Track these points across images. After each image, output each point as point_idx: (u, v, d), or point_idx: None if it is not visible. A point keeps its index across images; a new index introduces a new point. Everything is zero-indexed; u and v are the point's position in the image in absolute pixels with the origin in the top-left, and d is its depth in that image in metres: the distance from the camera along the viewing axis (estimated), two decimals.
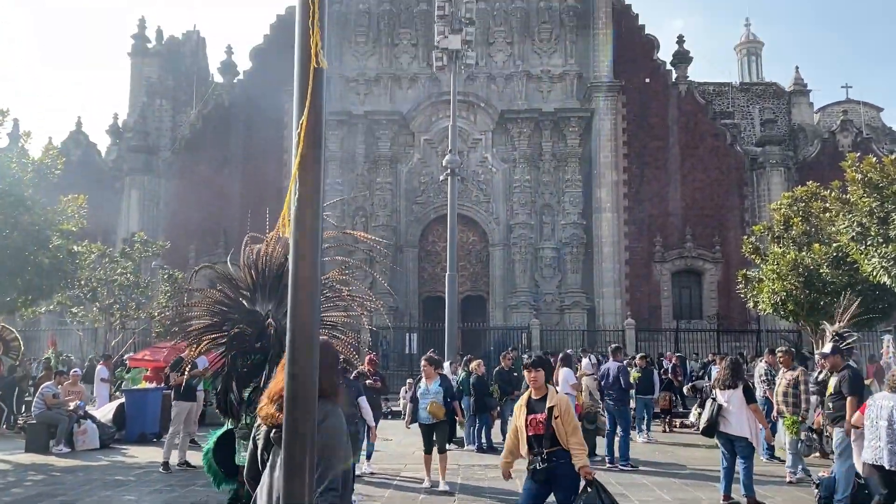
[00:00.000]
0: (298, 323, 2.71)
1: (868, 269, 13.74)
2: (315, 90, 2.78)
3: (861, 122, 37.26)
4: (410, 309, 32.62)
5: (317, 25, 2.80)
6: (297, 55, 2.80)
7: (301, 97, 2.76)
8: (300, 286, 2.67)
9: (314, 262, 2.71)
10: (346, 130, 34.24)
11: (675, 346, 27.74)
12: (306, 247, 2.71)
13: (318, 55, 2.79)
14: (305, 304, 2.69)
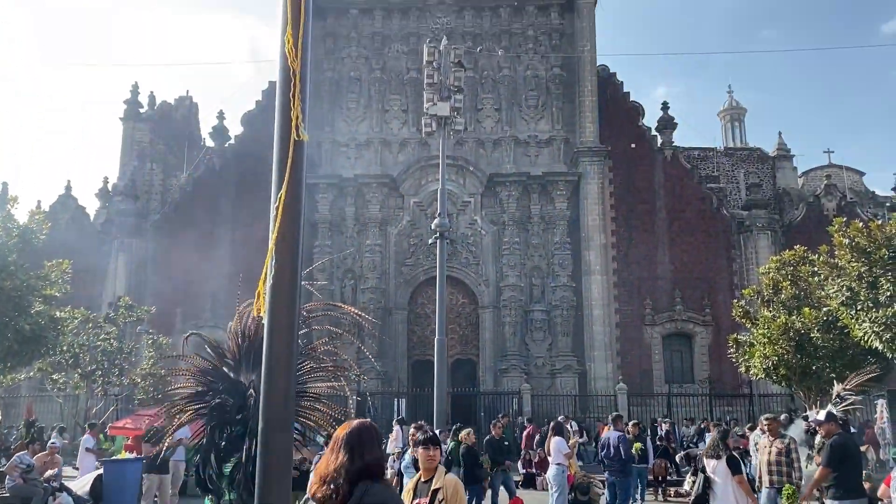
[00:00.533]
0: (273, 405, 2.57)
1: (859, 335, 13.67)
2: (295, 163, 2.72)
3: (844, 187, 37.84)
4: (399, 373, 32.17)
5: (297, 99, 2.76)
6: (277, 128, 2.76)
7: (280, 170, 2.70)
8: (275, 366, 2.54)
9: (290, 340, 2.60)
10: (336, 193, 34.44)
11: (668, 410, 27.38)
12: (282, 324, 2.60)
13: (299, 128, 2.74)
14: (280, 383, 2.55)
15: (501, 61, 35.45)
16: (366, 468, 2.99)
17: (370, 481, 3.02)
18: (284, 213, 2.68)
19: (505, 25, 36.06)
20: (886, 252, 12.82)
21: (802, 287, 18.43)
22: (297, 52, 2.80)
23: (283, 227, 2.68)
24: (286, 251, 2.66)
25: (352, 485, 2.96)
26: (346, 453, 2.97)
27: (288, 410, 2.62)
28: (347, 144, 35.24)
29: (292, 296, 2.64)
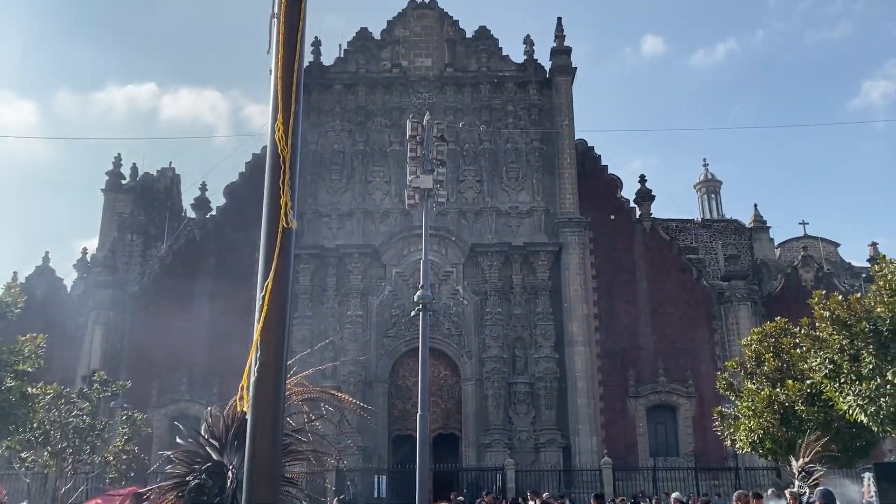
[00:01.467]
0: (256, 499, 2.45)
1: (844, 408, 13.63)
2: (283, 251, 2.67)
3: (821, 257, 38.45)
4: (380, 449, 31.44)
5: (287, 185, 2.73)
6: (265, 214, 2.72)
7: (267, 258, 2.65)
8: (258, 466, 2.42)
9: (274, 435, 2.49)
10: (317, 264, 34.33)
11: (654, 485, 26.87)
12: (266, 418, 2.50)
13: (288, 216, 2.71)
14: (264, 486, 2.43)
15: (482, 134, 36.14)
16: None
17: None
18: (271, 303, 2.61)
19: (485, 101, 36.92)
20: (867, 325, 12.92)
21: (785, 359, 18.46)
22: (287, 139, 2.79)
23: (270, 317, 2.61)
24: (272, 342, 2.58)
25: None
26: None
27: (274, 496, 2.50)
28: (329, 215, 35.37)
29: (277, 390, 2.55)
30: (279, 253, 2.66)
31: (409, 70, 37.55)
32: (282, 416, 2.54)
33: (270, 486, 2.49)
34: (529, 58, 38.04)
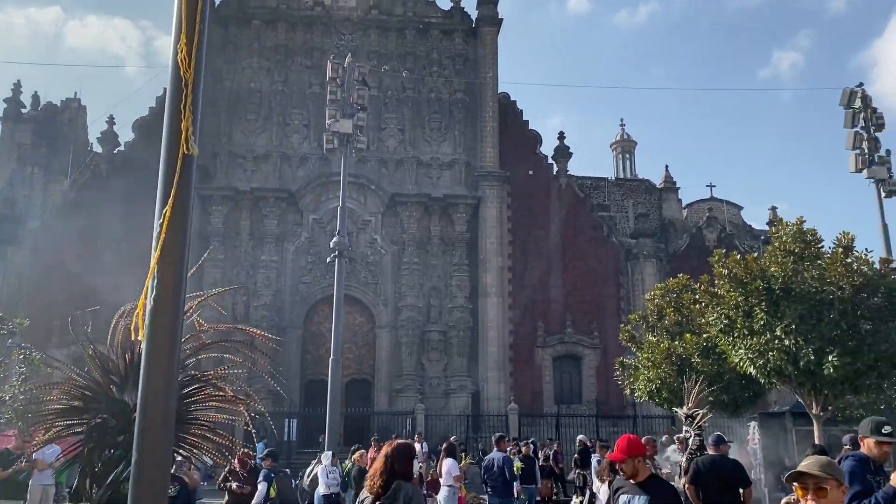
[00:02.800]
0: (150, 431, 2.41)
1: (735, 360, 14.43)
2: (182, 178, 2.58)
3: (724, 219, 40.22)
4: (291, 393, 31.37)
5: (189, 110, 2.63)
6: (165, 139, 2.62)
7: (166, 184, 2.56)
8: (152, 401, 2.38)
9: (170, 364, 2.44)
10: (231, 206, 33.45)
11: (556, 430, 28.00)
12: (162, 347, 2.45)
13: (189, 141, 2.62)
14: (158, 414, 2.40)
15: (406, 82, 35.67)
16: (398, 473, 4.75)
17: (402, 481, 4.72)
18: (169, 231, 2.53)
19: (410, 47, 36.35)
20: (761, 283, 13.63)
21: (685, 314, 19.33)
22: (190, 61, 2.68)
23: (168, 246, 2.53)
24: (170, 271, 2.51)
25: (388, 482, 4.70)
26: (386, 462, 4.79)
27: (166, 440, 2.46)
28: (244, 157, 34.37)
29: (174, 318, 2.49)
30: (179, 179, 2.58)
31: (333, 9, 36.47)
32: (178, 347, 2.50)
33: (166, 420, 2.46)
34: (456, 5, 37.57)
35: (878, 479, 4.43)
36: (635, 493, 4.78)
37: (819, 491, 2.83)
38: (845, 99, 16.00)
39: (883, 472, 4.52)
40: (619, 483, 5.00)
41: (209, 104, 34.35)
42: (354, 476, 12.61)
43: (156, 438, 2.43)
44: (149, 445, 2.44)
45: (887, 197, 15.71)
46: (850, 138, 15.99)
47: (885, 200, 15.65)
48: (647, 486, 4.77)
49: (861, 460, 4.51)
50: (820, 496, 2.82)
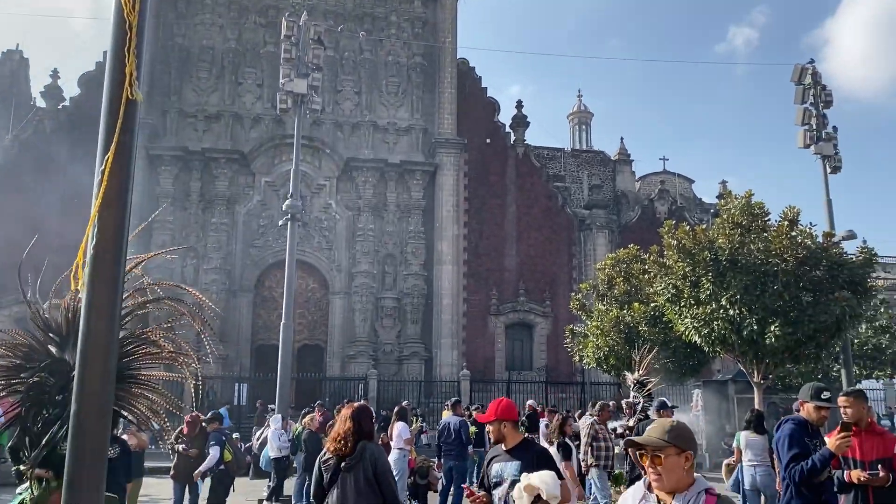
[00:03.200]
0: (89, 387, 2.34)
1: (681, 329, 14.80)
2: (126, 124, 2.47)
3: (676, 192, 40.90)
4: (242, 358, 31.16)
5: (132, 53, 2.51)
6: (107, 84, 2.50)
7: (108, 130, 2.45)
8: (92, 350, 2.30)
9: (111, 317, 2.36)
10: (180, 167, 32.65)
11: (507, 396, 28.43)
12: (103, 300, 2.36)
13: (133, 86, 2.50)
14: (98, 366, 2.32)
15: (363, 44, 35.06)
16: (364, 433, 4.81)
17: (367, 441, 4.81)
18: (111, 179, 2.43)
19: (368, 8, 35.69)
20: (708, 254, 13.96)
21: (634, 283, 19.74)
22: (135, 2, 2.55)
23: (110, 194, 2.43)
24: (111, 219, 2.41)
25: (355, 443, 4.76)
26: (352, 423, 4.78)
27: (106, 393, 2.39)
28: (195, 115, 33.49)
29: (116, 270, 2.40)
30: (122, 125, 2.46)
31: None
32: (120, 297, 2.41)
33: (105, 374, 2.38)
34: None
35: (815, 442, 4.59)
36: (506, 460, 4.63)
37: (655, 458, 2.69)
38: (796, 75, 16.32)
39: (820, 436, 4.69)
40: (493, 452, 4.84)
41: (159, 61, 33.28)
42: (305, 439, 12.60)
43: (95, 393, 2.35)
44: (88, 400, 2.36)
45: (832, 173, 16.17)
46: (799, 114, 16.35)
47: (830, 176, 16.12)
48: (518, 452, 4.63)
49: (800, 424, 4.67)
50: (656, 464, 2.68)
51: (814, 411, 4.73)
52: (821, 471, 4.40)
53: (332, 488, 4.82)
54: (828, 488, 4.57)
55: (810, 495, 4.48)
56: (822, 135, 16.19)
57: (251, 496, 12.89)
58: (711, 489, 2.70)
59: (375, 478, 4.72)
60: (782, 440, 4.63)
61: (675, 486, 2.68)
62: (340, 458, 4.81)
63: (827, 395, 4.76)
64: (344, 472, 4.77)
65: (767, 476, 9.03)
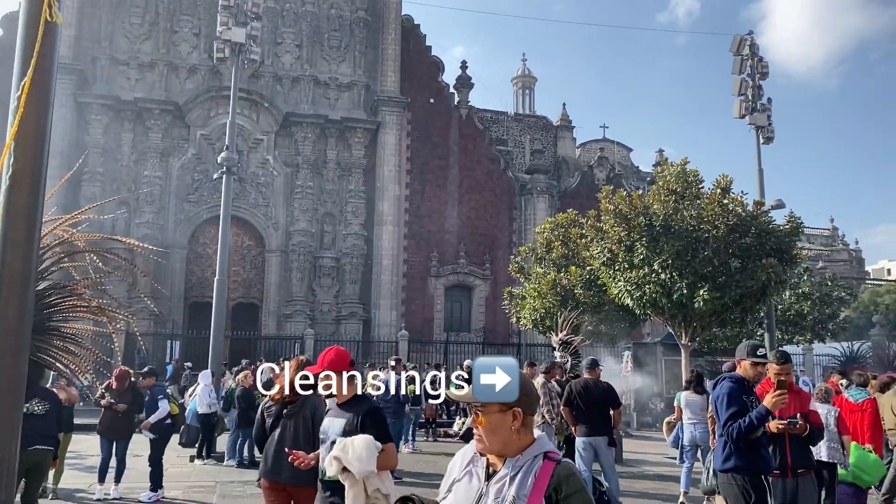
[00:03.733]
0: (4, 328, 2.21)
1: (614, 292, 15.14)
2: (45, 48, 2.31)
3: (614, 160, 41.54)
4: (174, 315, 30.50)
5: None
6: (24, 2, 2.32)
7: (25, 54, 2.28)
8: (8, 284, 2.17)
9: (28, 255, 2.23)
10: (111, 116, 31.34)
11: (445, 357, 28.72)
12: (19, 236, 2.22)
13: (52, 7, 2.34)
14: (14, 302, 2.20)
15: None
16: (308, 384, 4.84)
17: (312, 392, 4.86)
18: (28, 106, 2.27)
19: None
20: (643, 219, 14.25)
21: (571, 247, 20.06)
22: None
23: (26, 122, 2.28)
24: (28, 147, 2.27)
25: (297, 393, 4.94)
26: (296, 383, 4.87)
27: (23, 331, 2.27)
28: (128, 63, 32.08)
29: (32, 202, 2.26)
30: (40, 48, 2.30)
31: None
32: (38, 232, 2.28)
33: (22, 311, 2.25)
34: None
35: (752, 398, 4.74)
36: (334, 416, 4.54)
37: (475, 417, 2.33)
38: (735, 45, 16.65)
39: (755, 394, 4.83)
40: (329, 405, 4.81)
41: (89, 4, 31.65)
42: (238, 396, 12.47)
43: (12, 330, 2.23)
44: (4, 338, 2.24)
45: (765, 143, 16.65)
46: (736, 84, 16.72)
47: (763, 147, 16.60)
48: (347, 407, 4.51)
49: (738, 381, 4.80)
50: (477, 423, 2.32)
51: (750, 368, 4.86)
52: (757, 427, 4.55)
53: (273, 432, 5.17)
54: (763, 443, 4.73)
55: (747, 450, 4.64)
56: (756, 106, 16.62)
57: (183, 453, 12.73)
58: (552, 453, 2.31)
59: (313, 426, 4.91)
60: (721, 398, 4.75)
61: (502, 448, 2.30)
62: (283, 406, 5.14)
63: (763, 352, 4.90)
64: (286, 418, 5.11)
65: (705, 433, 9.56)
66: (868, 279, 59.27)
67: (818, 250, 56.06)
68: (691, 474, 9.78)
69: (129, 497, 9.19)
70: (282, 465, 4.95)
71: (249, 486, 10.33)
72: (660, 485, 11.38)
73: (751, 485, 4.57)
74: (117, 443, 9.26)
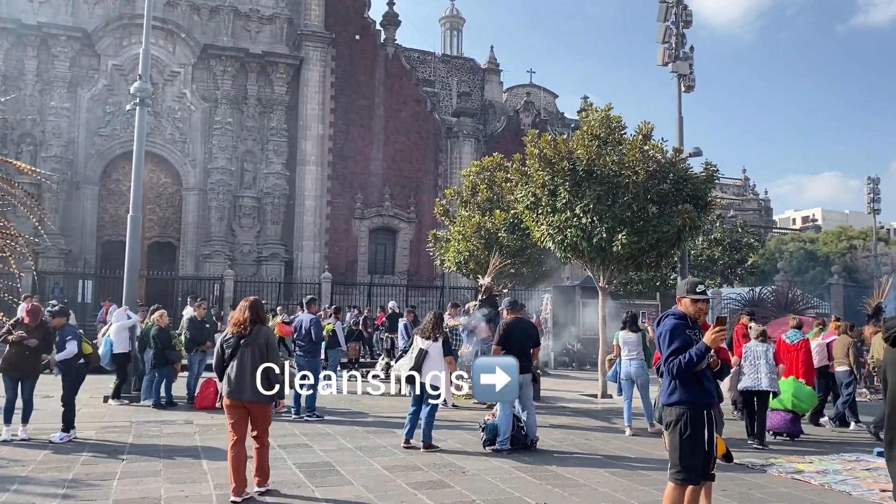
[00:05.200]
0: None
1: (537, 236, 15.34)
2: None
3: (540, 106, 41.71)
4: (86, 254, 29.31)
5: None
6: None
7: None
8: None
9: None
10: (13, 41, 29.26)
11: (368, 299, 28.75)
12: None
13: None
14: None
15: None
16: (259, 319, 6.34)
17: (261, 325, 6.33)
18: None
19: None
20: (567, 164, 14.39)
21: (496, 191, 20.13)
22: None
23: None
24: None
25: (252, 326, 6.25)
26: (250, 312, 6.28)
27: None
28: None
29: None
30: None
31: None
32: None
33: None
34: None
35: (695, 332, 4.87)
36: None
37: None
38: None
39: (698, 328, 4.96)
40: None
41: None
42: (154, 335, 12.15)
43: None
44: None
45: (686, 91, 16.96)
46: (661, 32, 16.89)
47: (684, 95, 16.92)
48: None
49: (681, 317, 4.91)
50: None
51: (690, 305, 4.97)
52: (697, 363, 4.68)
53: (232, 361, 6.25)
54: (707, 375, 4.87)
55: (691, 383, 4.78)
56: (679, 54, 16.86)
57: (96, 393, 12.38)
58: None
59: (267, 351, 6.27)
60: (663, 335, 4.84)
61: None
62: (240, 338, 6.26)
63: (702, 289, 5.01)
64: (243, 347, 6.23)
65: (640, 367, 10.57)
66: (775, 228, 62.30)
67: (730, 199, 58.38)
68: (631, 408, 10.61)
69: (38, 438, 8.89)
70: (244, 386, 6.15)
71: (167, 426, 10.16)
72: (574, 420, 11.83)
73: (691, 418, 4.75)
74: (23, 382, 8.90)
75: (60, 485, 6.68)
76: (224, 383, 6.28)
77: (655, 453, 8.67)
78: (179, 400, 12.51)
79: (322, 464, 7.83)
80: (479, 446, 8.87)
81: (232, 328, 6.37)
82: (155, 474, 7.16)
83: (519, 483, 7.13)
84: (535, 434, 9.13)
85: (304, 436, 9.35)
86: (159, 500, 6.20)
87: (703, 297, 5.01)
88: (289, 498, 6.40)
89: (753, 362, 9.97)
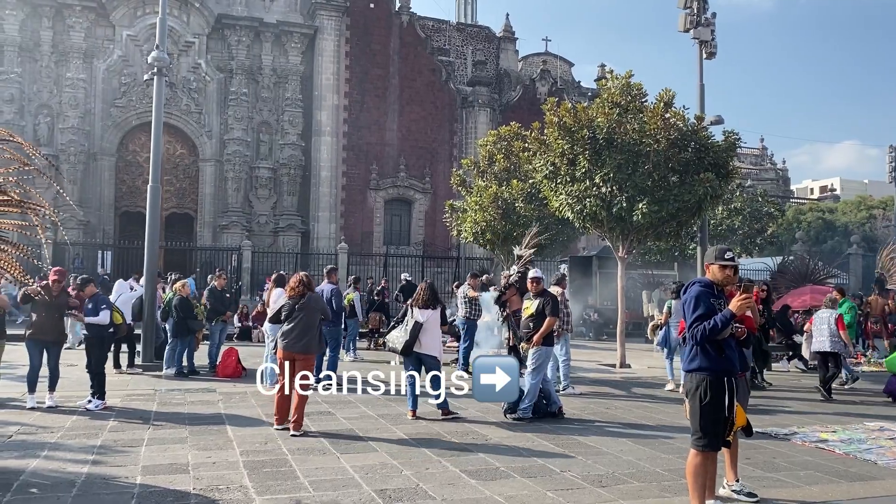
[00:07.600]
0: None
1: (555, 205, 15.23)
2: None
3: (556, 74, 41.16)
4: (104, 224, 29.53)
5: None
6: None
7: None
8: None
9: None
10: (28, 12, 29.20)
11: (385, 269, 28.80)
12: None
13: None
14: None
15: None
16: (309, 286, 8.14)
17: (311, 291, 8.13)
18: None
19: None
20: (587, 132, 14.22)
21: (514, 161, 20.02)
22: None
23: None
24: None
25: (304, 292, 8.01)
26: (303, 283, 8.07)
27: None
28: None
29: None
30: None
31: None
32: None
33: None
34: None
35: (720, 301, 4.85)
36: None
37: None
38: None
39: (724, 296, 4.94)
40: None
41: None
42: (175, 305, 12.25)
43: None
44: None
45: (707, 58, 16.67)
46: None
47: (706, 62, 16.63)
48: None
49: (707, 285, 4.90)
50: None
51: (718, 271, 4.96)
52: (721, 330, 4.67)
53: (288, 321, 7.88)
54: (729, 343, 4.86)
55: (713, 351, 4.78)
56: (701, 20, 16.54)
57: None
58: None
59: (319, 309, 8.11)
60: (689, 301, 4.85)
61: None
62: (296, 302, 7.93)
63: (730, 256, 5.00)
64: (298, 310, 7.89)
65: None
66: (793, 198, 61.62)
67: (748, 168, 57.69)
68: (673, 367, 11.96)
69: (64, 405, 9.03)
70: (296, 341, 7.78)
71: (190, 394, 10.29)
72: (593, 388, 11.86)
73: (710, 384, 4.74)
74: (49, 349, 9.02)
75: (90, 451, 6.78)
76: (280, 338, 7.92)
77: (677, 422, 8.68)
78: (202, 368, 12.65)
79: (345, 430, 7.90)
80: (499, 414, 8.90)
81: (290, 292, 8.08)
82: (181, 441, 7.26)
83: (542, 451, 7.16)
84: (559, 402, 9.17)
85: (327, 403, 9.42)
86: (187, 465, 6.29)
87: (732, 264, 4.98)
88: (317, 457, 6.47)
89: (819, 327, 11.58)
